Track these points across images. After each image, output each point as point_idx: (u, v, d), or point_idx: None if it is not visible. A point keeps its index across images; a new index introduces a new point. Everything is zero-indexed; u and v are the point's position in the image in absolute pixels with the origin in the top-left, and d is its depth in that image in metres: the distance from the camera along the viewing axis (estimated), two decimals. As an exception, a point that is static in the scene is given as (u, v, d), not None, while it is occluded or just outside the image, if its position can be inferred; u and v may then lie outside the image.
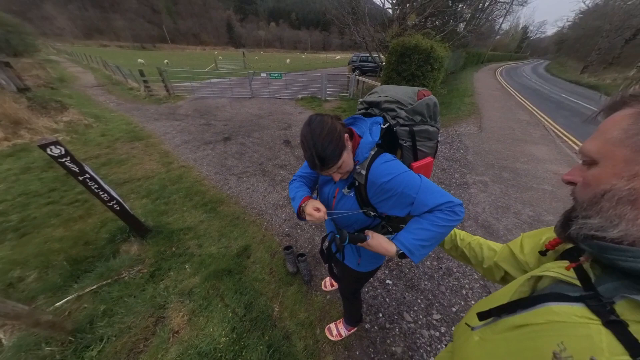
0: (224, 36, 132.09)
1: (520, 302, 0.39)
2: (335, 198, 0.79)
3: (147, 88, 7.76)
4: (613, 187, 0.30)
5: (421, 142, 0.77)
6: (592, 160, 0.33)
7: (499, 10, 18.50)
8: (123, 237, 1.96)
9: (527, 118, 6.58)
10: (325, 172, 0.65)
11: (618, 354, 0.26)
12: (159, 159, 3.66)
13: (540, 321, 0.34)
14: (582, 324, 0.30)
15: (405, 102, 0.74)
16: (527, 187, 3.08)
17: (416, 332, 1.43)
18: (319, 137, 0.60)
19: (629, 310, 0.28)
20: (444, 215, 0.60)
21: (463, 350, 0.47)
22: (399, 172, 0.64)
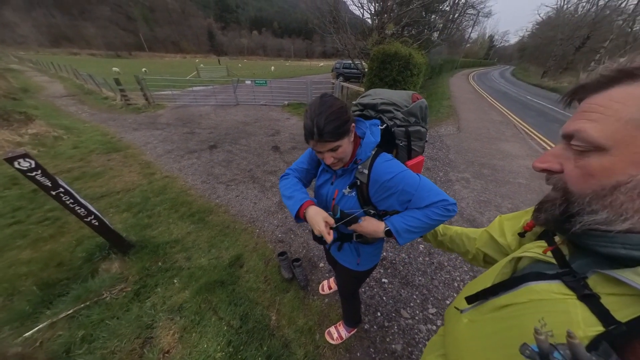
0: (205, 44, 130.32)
1: (503, 283, 0.41)
2: (334, 200, 0.79)
3: (124, 97, 7.40)
4: (632, 177, 0.26)
5: (414, 142, 0.82)
6: (598, 147, 0.28)
7: (467, 21, 20.13)
8: (102, 254, 1.82)
9: (499, 118, 7.11)
10: (318, 146, 0.64)
11: (592, 325, 0.28)
12: (140, 170, 3.47)
13: (523, 300, 0.36)
14: (559, 299, 0.32)
15: (401, 104, 0.78)
16: (505, 181, 3.31)
17: (414, 327, 1.45)
18: (326, 109, 0.60)
19: (600, 284, 0.30)
20: (438, 211, 0.64)
21: (453, 332, 0.49)
22: (400, 171, 0.67)
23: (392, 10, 7.83)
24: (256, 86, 8.27)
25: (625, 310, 0.27)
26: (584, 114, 0.29)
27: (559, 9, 31.24)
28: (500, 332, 0.37)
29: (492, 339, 0.38)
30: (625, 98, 0.27)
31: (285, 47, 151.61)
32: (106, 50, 77.01)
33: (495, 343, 0.37)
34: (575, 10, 27.40)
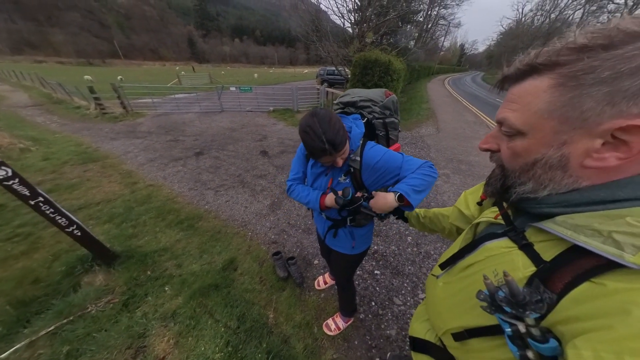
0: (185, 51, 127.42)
1: (466, 247, 0.48)
2: (328, 189, 0.87)
3: (99, 105, 7.03)
4: (544, 155, 0.32)
5: (391, 132, 0.94)
6: (518, 132, 0.34)
7: (440, 31, 21.66)
8: (85, 267, 1.73)
9: (473, 119, 7.67)
10: (332, 157, 0.72)
11: (528, 266, 0.34)
12: (121, 179, 3.32)
13: (481, 258, 0.43)
14: (506, 252, 0.39)
15: (377, 100, 0.91)
16: (481, 175, 3.59)
17: (406, 313, 1.53)
18: (328, 124, 0.67)
19: (534, 234, 0.37)
20: (426, 171, 0.75)
21: (432, 295, 0.57)
22: (385, 152, 0.79)
23: (370, 20, 8.27)
24: (241, 92, 8.24)
25: (549, 251, 0.33)
26: (508, 104, 0.35)
27: (518, 20, 34.67)
28: (467, 288, 0.44)
29: (461, 294, 0.45)
30: (534, 90, 0.31)
31: (269, 55, 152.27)
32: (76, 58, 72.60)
33: (464, 297, 0.44)
34: (532, 22, 30.55)
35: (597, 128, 0.27)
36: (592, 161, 0.29)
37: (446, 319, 0.48)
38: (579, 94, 0.27)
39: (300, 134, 0.70)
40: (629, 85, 0.25)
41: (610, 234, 0.27)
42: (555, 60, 0.29)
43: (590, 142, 0.29)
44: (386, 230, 2.34)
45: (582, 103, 0.27)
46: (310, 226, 2.40)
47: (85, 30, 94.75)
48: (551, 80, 0.29)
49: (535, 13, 29.76)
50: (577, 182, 0.31)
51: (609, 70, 0.25)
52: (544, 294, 0.30)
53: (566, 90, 0.28)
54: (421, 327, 0.61)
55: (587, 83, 0.27)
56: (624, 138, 0.27)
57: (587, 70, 0.26)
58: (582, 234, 0.29)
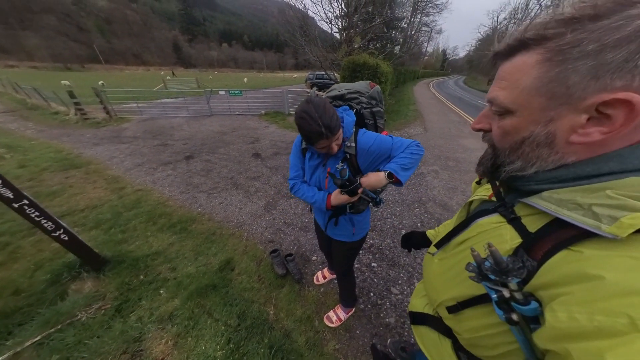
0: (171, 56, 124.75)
1: (460, 225, 0.50)
2: (327, 179, 0.90)
3: (79, 111, 6.73)
4: (532, 133, 0.32)
5: (378, 120, 1.01)
6: (507, 110, 0.33)
7: (423, 37, 22.62)
8: (72, 274, 1.64)
9: (457, 119, 8.04)
10: (327, 142, 0.75)
11: (515, 238, 0.36)
12: (107, 185, 3.19)
13: (473, 234, 0.45)
14: (496, 227, 0.40)
15: (363, 91, 0.97)
16: (467, 170, 3.76)
17: (404, 301, 1.58)
18: (323, 110, 0.71)
19: (522, 209, 0.38)
20: (413, 149, 0.83)
21: (428, 272, 0.59)
22: (376, 136, 0.85)
23: (357, 26, 8.53)
24: (231, 96, 8.18)
25: (535, 224, 0.35)
26: (498, 82, 0.34)
27: (494, 28, 36.94)
28: (460, 262, 0.46)
29: (455, 268, 0.48)
30: (522, 67, 0.30)
31: (258, 60, 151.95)
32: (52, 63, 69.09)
33: (457, 271, 0.47)
34: (506, 29, 32.67)
35: (582, 103, 0.27)
36: (578, 137, 0.29)
37: (441, 292, 0.51)
38: (565, 69, 0.27)
39: (297, 120, 0.73)
40: (612, 58, 0.24)
41: (590, 206, 0.28)
42: (543, 34, 0.28)
43: (576, 118, 0.28)
44: (381, 225, 2.40)
45: (567, 78, 0.27)
46: (307, 224, 2.42)
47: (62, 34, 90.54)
48: (539, 55, 0.29)
49: (509, 21, 31.88)
50: (563, 159, 0.32)
51: (594, 42, 0.25)
52: (527, 261, 0.32)
53: (553, 66, 0.28)
54: (419, 302, 0.64)
55: (572, 57, 0.26)
56: (607, 112, 0.26)
57: (574, 43, 0.26)
58: (564, 208, 0.30)
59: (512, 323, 0.32)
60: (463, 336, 0.46)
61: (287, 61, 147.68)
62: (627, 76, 0.24)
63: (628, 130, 0.27)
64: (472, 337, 0.44)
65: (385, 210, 2.65)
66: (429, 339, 0.58)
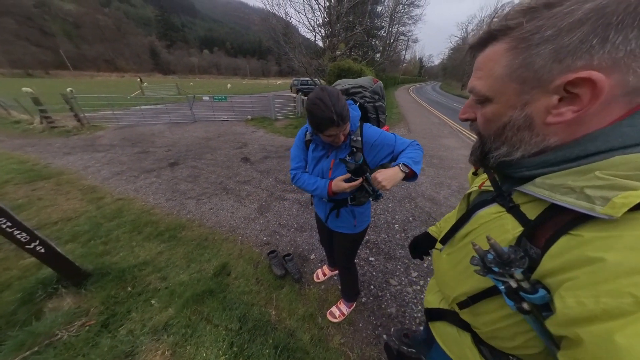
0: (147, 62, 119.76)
1: (461, 219, 0.50)
2: (331, 169, 0.93)
3: (46, 119, 6.21)
4: (511, 118, 0.33)
5: (381, 115, 1.05)
6: (486, 98, 0.35)
7: (401, 45, 23.93)
8: (47, 291, 1.49)
9: (437, 121, 8.53)
10: (337, 130, 0.77)
11: (516, 227, 0.36)
12: (82, 196, 2.96)
13: (475, 227, 0.45)
14: (496, 217, 0.40)
15: (367, 86, 1.01)
16: (450, 167, 4.00)
17: (403, 291, 1.63)
18: (337, 98, 0.73)
19: (519, 197, 0.38)
20: (417, 147, 0.89)
21: (439, 267, 0.59)
22: (381, 132, 0.90)
23: (339, 34, 8.84)
24: (215, 102, 8.01)
25: (534, 211, 0.35)
26: (475, 72, 0.36)
27: (463, 38, 40.17)
28: (466, 256, 0.45)
29: (462, 263, 0.48)
30: (494, 56, 0.32)
31: (241, 66, 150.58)
32: (11, 69, 63.25)
33: (465, 265, 0.46)
34: (474, 39, 35.63)
35: (550, 85, 0.28)
36: (552, 117, 0.30)
37: (453, 287, 0.51)
38: (529, 55, 0.29)
39: (309, 106, 0.75)
40: (569, 41, 0.25)
41: (582, 189, 0.28)
42: (506, 25, 0.30)
43: (548, 100, 0.29)
44: (375, 221, 2.46)
45: (533, 63, 0.28)
46: (302, 224, 2.41)
47: (22, 39, 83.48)
48: (506, 44, 0.31)
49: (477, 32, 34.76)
50: (545, 140, 0.32)
51: (551, 28, 0.26)
52: (530, 250, 0.32)
53: (519, 52, 0.29)
54: (434, 298, 0.63)
55: (534, 43, 0.28)
56: (575, 91, 0.27)
57: (534, 30, 0.28)
58: (557, 193, 0.30)
59: (524, 312, 0.33)
60: (481, 330, 0.46)
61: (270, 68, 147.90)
62: (586, 56, 0.26)
63: (596, 106, 0.28)
64: (490, 330, 0.44)
65: (378, 207, 2.72)
66: (447, 335, 0.57)
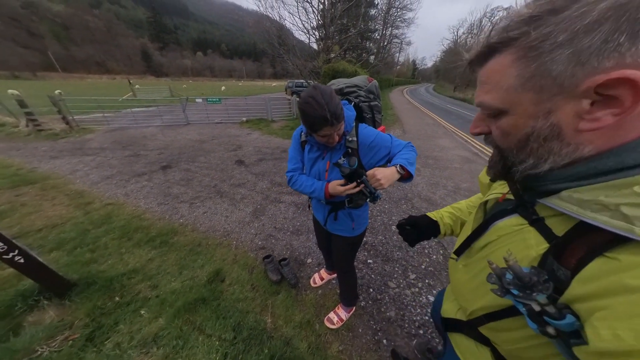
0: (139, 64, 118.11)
1: (478, 229, 0.48)
2: (327, 171, 0.90)
3: (32, 122, 6.01)
4: (534, 128, 0.30)
5: (376, 114, 1.03)
6: (500, 111, 0.33)
7: (395, 48, 24.27)
8: (27, 304, 1.40)
9: (431, 122, 8.64)
10: (331, 129, 0.74)
11: (541, 243, 0.33)
12: (69, 201, 2.84)
13: (493, 238, 0.42)
14: (518, 230, 0.37)
15: (362, 85, 0.99)
16: (445, 167, 4.03)
17: (401, 294, 1.60)
18: (330, 97, 0.70)
19: (543, 209, 0.36)
20: (409, 149, 0.89)
21: (455, 277, 0.57)
22: (377, 133, 0.88)
23: (333, 37, 8.90)
24: (209, 104, 7.92)
25: (561, 226, 0.32)
26: (481, 86, 0.34)
27: (454, 41, 41.08)
28: (484, 269, 0.43)
29: (480, 275, 0.45)
30: (499, 68, 0.31)
31: (237, 68, 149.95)
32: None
33: (482, 279, 0.43)
34: (466, 42, 36.48)
35: (576, 89, 0.26)
36: (587, 123, 0.27)
37: (470, 300, 0.48)
38: (543, 62, 0.27)
39: (302, 105, 0.72)
40: (589, 43, 0.24)
41: (618, 207, 0.25)
42: (507, 37, 0.29)
43: (576, 105, 0.27)
44: (372, 223, 2.44)
45: (550, 69, 0.26)
46: (298, 227, 2.37)
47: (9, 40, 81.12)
48: (511, 55, 0.29)
49: (467, 35, 35.74)
50: (578, 150, 0.29)
51: (563, 32, 0.24)
52: (558, 270, 0.29)
53: (529, 61, 0.28)
54: (451, 307, 0.60)
55: (546, 50, 0.26)
56: (610, 93, 0.25)
57: (542, 37, 0.26)
58: (588, 209, 0.28)
59: (550, 336, 0.30)
60: (502, 347, 0.43)
61: (265, 70, 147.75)
62: (615, 55, 0.23)
63: None
64: (512, 349, 0.40)
65: (375, 208, 2.71)
66: (465, 348, 0.55)
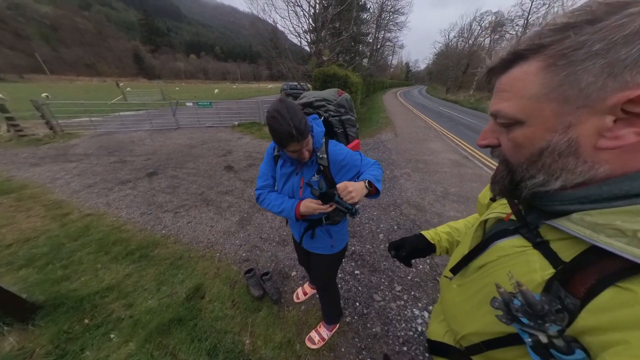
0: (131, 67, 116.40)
1: (476, 248, 0.45)
2: (301, 188, 0.86)
3: (13, 127, 5.79)
4: (550, 142, 0.29)
5: (349, 128, 1.00)
6: (516, 121, 0.31)
7: (387, 51, 24.59)
8: (-15, 331, 1.31)
9: (423, 124, 8.72)
10: (297, 145, 0.72)
11: (546, 268, 0.31)
12: (45, 212, 2.72)
13: (493, 259, 0.40)
14: (520, 252, 0.35)
15: (331, 99, 0.97)
16: (435, 171, 4.04)
17: (386, 307, 1.56)
18: (294, 112, 0.68)
19: (549, 231, 0.34)
20: (377, 167, 0.90)
21: (447, 297, 0.54)
22: (347, 151, 0.87)
23: (326, 40, 8.92)
24: (199, 108, 7.81)
25: (568, 251, 0.30)
26: (499, 94, 0.32)
27: (446, 44, 41.96)
28: (481, 291, 0.41)
29: (476, 297, 0.42)
30: (523, 76, 0.29)
31: (231, 71, 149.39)
32: (-21, 73, 59.51)
33: (479, 301, 0.41)
34: (457, 45, 37.31)
35: (602, 104, 0.25)
36: (607, 141, 0.26)
37: (463, 324, 0.46)
38: (573, 71, 0.25)
39: (269, 120, 0.69)
40: (626, 54, 0.22)
41: (636, 233, 0.24)
42: (539, 43, 0.27)
43: (599, 121, 0.25)
44: (360, 231, 2.40)
45: (579, 79, 0.25)
46: (285, 237, 2.31)
47: (-6, 42, 78.91)
48: (540, 62, 0.27)
49: (458, 38, 36.61)
50: (593, 168, 0.27)
51: (599, 42, 0.23)
52: (566, 299, 0.27)
53: (559, 70, 0.26)
54: (439, 329, 0.57)
55: (579, 59, 0.24)
56: (637, 111, 0.23)
57: (576, 46, 0.24)
58: (602, 234, 0.26)
59: None
60: None
61: (261, 72, 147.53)
62: None
63: None
64: None
65: (363, 215, 2.67)
66: None
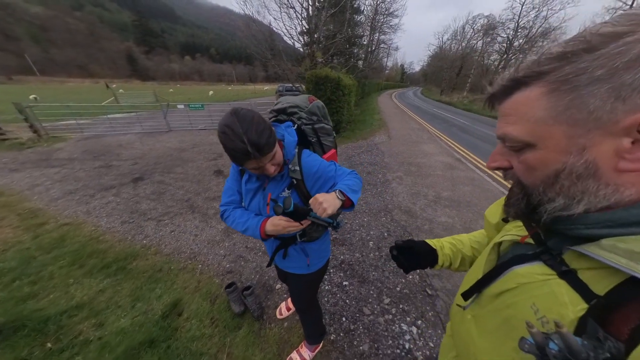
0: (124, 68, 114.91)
1: (491, 272, 0.41)
2: (268, 205, 0.78)
3: (-6, 131, 5.58)
4: (565, 164, 0.28)
5: (323, 137, 0.92)
6: (526, 144, 0.30)
7: (382, 53, 24.80)
8: None
9: (417, 126, 8.74)
10: (258, 162, 0.63)
11: (578, 303, 0.28)
12: (19, 222, 2.57)
13: (512, 286, 0.36)
14: (543, 281, 0.32)
15: (302, 105, 0.89)
16: (427, 174, 4.00)
17: (375, 322, 1.48)
18: (250, 124, 0.59)
19: (575, 259, 0.31)
20: (353, 176, 0.80)
21: (461, 330, 0.48)
22: (321, 161, 0.80)
23: (320, 42, 8.90)
24: (191, 110, 7.68)
25: (601, 282, 0.28)
26: (504, 118, 0.32)
27: (440, 46, 42.61)
28: (503, 326, 0.37)
29: (498, 333, 0.38)
30: (526, 101, 0.29)
31: (226, 72, 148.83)
32: (-35, 75, 57.96)
33: (502, 337, 0.36)
34: (450, 48, 37.91)
35: (615, 126, 0.24)
36: (628, 163, 0.25)
37: None
38: (579, 95, 0.25)
39: (219, 135, 0.60)
40: (631, 79, 0.23)
41: None
42: (538, 70, 0.27)
43: (615, 142, 0.25)
44: (350, 238, 2.33)
45: (585, 103, 0.25)
46: (271, 246, 2.23)
47: (-19, 42, 76.88)
48: (541, 88, 0.28)
49: (452, 41, 37.22)
50: (618, 191, 0.26)
51: (600, 68, 0.24)
52: (606, 342, 0.24)
53: (562, 94, 0.26)
54: None
55: (582, 84, 0.25)
56: None
57: (577, 72, 0.25)
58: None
59: None
60: None
61: (257, 73, 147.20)
62: None
63: None
64: None
65: (353, 222, 2.60)
66: None
